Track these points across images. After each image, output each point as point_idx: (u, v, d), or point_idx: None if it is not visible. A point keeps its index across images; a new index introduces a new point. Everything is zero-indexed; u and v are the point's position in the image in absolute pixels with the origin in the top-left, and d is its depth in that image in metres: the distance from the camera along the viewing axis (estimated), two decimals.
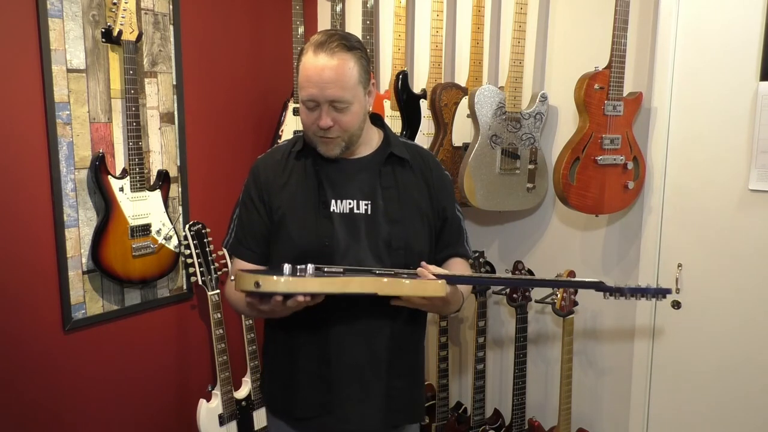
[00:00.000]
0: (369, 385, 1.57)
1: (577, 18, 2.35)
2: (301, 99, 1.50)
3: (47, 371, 2.22)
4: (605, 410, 2.47)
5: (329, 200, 1.55)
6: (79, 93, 2.20)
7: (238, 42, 2.72)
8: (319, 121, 1.48)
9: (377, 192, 1.57)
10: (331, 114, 1.48)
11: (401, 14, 2.57)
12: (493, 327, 2.70)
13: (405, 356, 1.62)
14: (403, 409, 1.63)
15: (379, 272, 1.48)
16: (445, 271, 1.51)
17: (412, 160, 1.63)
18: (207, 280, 2.47)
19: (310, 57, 1.46)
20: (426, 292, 1.44)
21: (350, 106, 1.48)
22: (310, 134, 1.53)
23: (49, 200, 2.16)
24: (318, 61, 1.45)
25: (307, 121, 1.51)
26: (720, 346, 2.19)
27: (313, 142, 1.54)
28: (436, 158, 1.72)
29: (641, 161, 2.21)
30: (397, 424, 1.64)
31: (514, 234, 2.61)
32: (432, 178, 1.64)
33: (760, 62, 2.01)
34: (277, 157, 1.62)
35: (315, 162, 1.58)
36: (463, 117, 2.41)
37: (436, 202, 1.63)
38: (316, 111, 1.49)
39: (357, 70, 1.48)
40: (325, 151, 1.53)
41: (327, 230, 1.53)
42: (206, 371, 2.72)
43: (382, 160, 1.59)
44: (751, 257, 2.09)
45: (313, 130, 1.51)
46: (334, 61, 1.44)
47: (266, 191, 1.58)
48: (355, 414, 1.57)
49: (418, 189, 1.61)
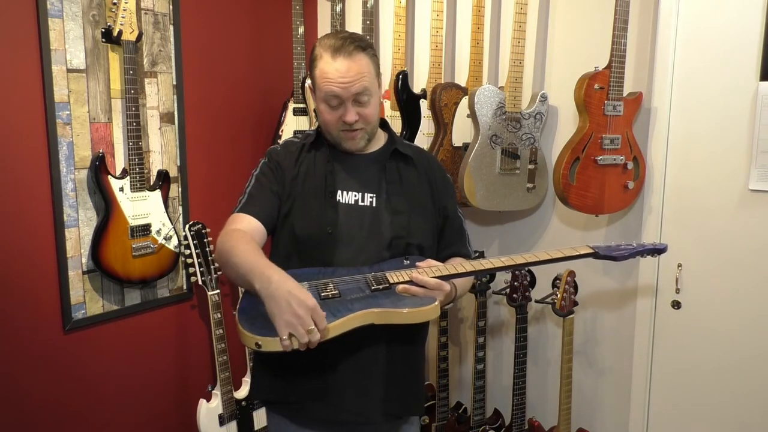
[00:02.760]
0: (366, 372, 1.57)
1: (577, 18, 2.35)
2: (322, 99, 1.56)
3: (47, 371, 2.22)
4: (605, 410, 2.47)
5: (336, 191, 1.60)
6: (79, 93, 2.20)
7: (238, 42, 2.72)
8: (345, 117, 1.55)
9: (382, 186, 1.63)
10: (355, 108, 1.55)
11: (401, 14, 2.57)
12: (493, 327, 2.70)
13: (405, 345, 1.62)
14: (402, 398, 1.62)
15: (374, 275, 1.50)
16: (439, 265, 1.53)
17: (416, 158, 1.70)
18: (207, 280, 2.47)
19: (328, 61, 1.53)
20: (421, 317, 1.46)
21: (371, 99, 1.57)
22: (335, 133, 1.60)
23: (49, 200, 2.16)
24: (338, 64, 1.52)
25: (331, 119, 1.57)
26: (720, 346, 2.19)
27: (337, 139, 1.61)
28: (438, 161, 1.79)
29: (641, 161, 2.21)
30: (396, 413, 1.63)
31: (514, 234, 2.61)
32: (435, 177, 1.71)
33: (760, 62, 2.01)
34: (291, 149, 1.68)
35: (326, 155, 1.64)
36: (463, 117, 2.41)
37: (437, 200, 1.69)
38: (339, 109, 1.55)
39: (372, 65, 1.57)
40: (351, 146, 1.61)
41: (331, 219, 1.57)
42: (206, 371, 2.72)
43: (387, 156, 1.66)
44: (751, 257, 2.09)
45: (337, 128, 1.58)
46: (354, 61, 1.52)
47: (281, 173, 1.63)
48: (352, 401, 1.56)
49: (420, 185, 1.67)
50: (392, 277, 1.49)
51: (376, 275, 1.51)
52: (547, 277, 2.41)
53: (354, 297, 1.46)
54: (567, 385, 2.32)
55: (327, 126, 1.60)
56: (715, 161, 2.13)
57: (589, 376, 2.49)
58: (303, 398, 1.58)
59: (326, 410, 1.57)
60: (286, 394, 1.60)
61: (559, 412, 2.34)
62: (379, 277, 1.50)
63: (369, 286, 1.48)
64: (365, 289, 1.48)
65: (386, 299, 1.45)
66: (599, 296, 2.43)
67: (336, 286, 1.48)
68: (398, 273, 1.50)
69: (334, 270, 1.55)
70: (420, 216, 1.63)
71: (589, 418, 2.49)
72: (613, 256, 1.59)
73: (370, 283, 1.49)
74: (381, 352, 1.57)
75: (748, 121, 2.05)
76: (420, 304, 1.45)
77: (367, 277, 1.51)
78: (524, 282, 2.34)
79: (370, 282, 1.49)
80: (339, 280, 1.50)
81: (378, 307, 1.43)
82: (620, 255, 1.60)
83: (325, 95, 1.55)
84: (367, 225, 1.59)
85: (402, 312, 1.43)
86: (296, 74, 2.72)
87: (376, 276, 1.51)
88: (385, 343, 1.57)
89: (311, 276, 1.51)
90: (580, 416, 2.48)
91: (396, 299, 1.45)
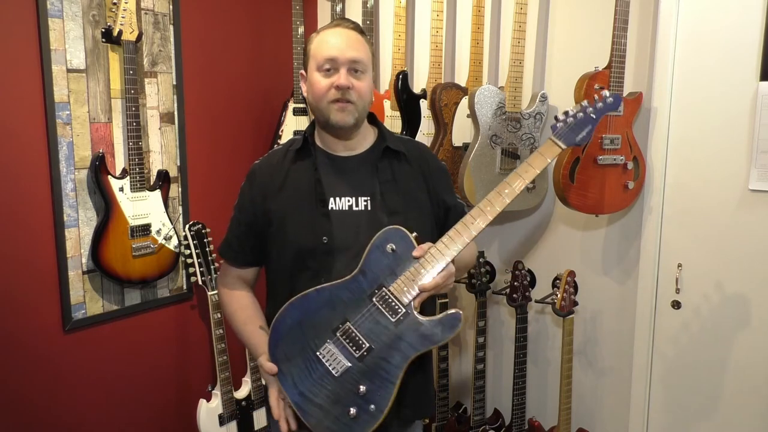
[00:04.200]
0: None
1: (577, 18, 2.36)
2: (316, 67, 1.53)
3: (47, 371, 2.22)
4: (605, 410, 2.47)
5: (327, 198, 1.55)
6: (79, 93, 2.20)
7: (238, 42, 2.72)
8: (339, 81, 1.50)
9: (375, 187, 1.57)
10: (349, 77, 1.52)
11: (401, 14, 2.57)
12: (493, 327, 2.70)
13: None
14: (414, 404, 1.60)
15: (384, 299, 1.47)
16: (433, 252, 1.46)
17: (408, 153, 1.64)
18: (207, 280, 2.47)
19: (325, 32, 1.55)
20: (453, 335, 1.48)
21: (365, 74, 1.54)
22: (325, 103, 1.53)
23: (49, 200, 2.16)
24: (335, 33, 1.54)
25: (324, 86, 1.52)
26: (720, 346, 2.19)
27: (326, 113, 1.53)
28: (431, 150, 1.72)
29: (641, 161, 2.21)
30: (408, 419, 1.61)
31: (514, 234, 2.61)
32: (429, 169, 1.65)
33: (760, 62, 2.01)
34: (273, 161, 1.63)
35: (313, 162, 1.58)
36: (463, 117, 2.41)
37: (434, 194, 1.64)
38: (333, 75, 1.51)
39: (368, 46, 1.58)
40: (340, 119, 1.52)
41: (325, 228, 1.53)
42: (206, 371, 2.72)
43: (378, 154, 1.60)
44: (751, 257, 2.09)
45: (329, 96, 1.52)
46: (350, 34, 1.54)
47: (261, 196, 1.60)
48: None
49: (415, 181, 1.62)
50: (402, 297, 1.44)
51: (387, 300, 1.45)
52: (547, 277, 2.41)
53: (384, 342, 1.44)
54: (567, 385, 2.32)
55: (317, 97, 1.53)
56: (715, 161, 2.13)
57: (589, 376, 2.49)
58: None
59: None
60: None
61: (559, 412, 2.34)
62: (391, 304, 1.45)
63: (388, 317, 1.44)
64: (387, 323, 1.44)
65: (414, 335, 1.44)
66: (599, 296, 2.43)
67: (360, 332, 1.45)
68: (403, 285, 1.45)
69: (335, 298, 1.48)
70: (417, 213, 1.59)
71: (589, 418, 2.49)
72: (576, 142, 1.50)
73: (386, 313, 1.44)
74: None
75: (748, 121, 2.05)
76: (450, 328, 1.45)
77: (379, 308, 1.45)
78: (524, 282, 2.34)
79: (387, 313, 1.44)
80: (358, 321, 1.45)
81: (414, 351, 1.45)
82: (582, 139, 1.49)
83: (320, 61, 1.51)
84: (364, 230, 1.52)
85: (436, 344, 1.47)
86: (296, 74, 2.73)
87: (386, 302, 1.45)
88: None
89: (327, 313, 1.47)
90: (580, 416, 2.48)
91: (425, 330, 1.44)
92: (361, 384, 1.45)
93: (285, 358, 1.50)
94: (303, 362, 1.49)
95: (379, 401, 1.46)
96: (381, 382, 1.45)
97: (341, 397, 1.47)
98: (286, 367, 1.50)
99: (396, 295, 1.45)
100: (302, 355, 1.49)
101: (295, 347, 1.49)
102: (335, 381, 1.47)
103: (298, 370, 1.49)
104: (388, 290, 1.45)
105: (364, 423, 1.47)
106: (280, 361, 1.50)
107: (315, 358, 1.47)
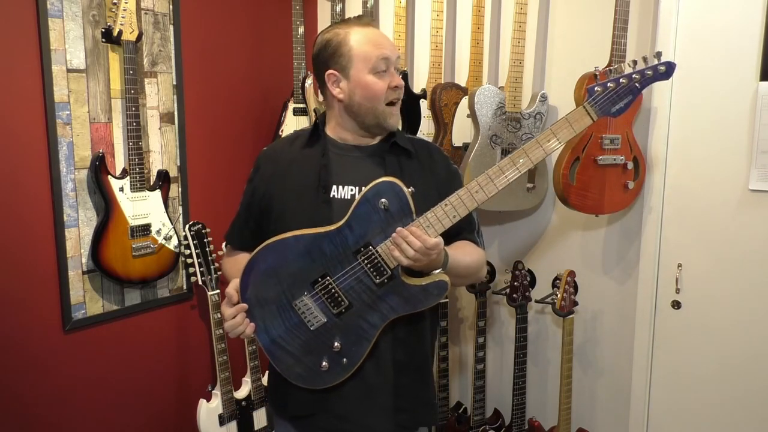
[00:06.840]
0: (371, 382, 1.52)
1: (577, 18, 2.36)
2: (371, 69, 1.49)
3: (47, 371, 2.22)
4: (605, 410, 2.47)
5: (330, 186, 1.54)
6: (79, 93, 2.20)
7: (238, 42, 2.72)
8: (394, 81, 1.51)
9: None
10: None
11: (401, 14, 2.57)
12: (493, 327, 2.70)
13: (411, 350, 1.56)
14: (412, 410, 1.56)
15: (369, 260, 1.44)
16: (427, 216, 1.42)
17: (418, 153, 1.62)
18: (207, 280, 2.47)
19: (361, 31, 1.51)
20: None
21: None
22: (380, 108, 1.52)
23: (49, 200, 2.16)
24: (376, 31, 1.53)
25: (383, 88, 1.51)
26: (720, 346, 2.19)
27: (382, 116, 1.53)
28: (443, 152, 1.70)
29: (641, 161, 2.21)
30: (406, 425, 1.57)
31: (514, 234, 2.61)
32: (438, 170, 1.63)
33: (760, 62, 2.01)
34: (281, 147, 1.65)
35: (321, 149, 1.58)
36: (463, 117, 2.41)
37: (443, 196, 1.57)
38: (386, 76, 1.51)
39: None
40: (394, 123, 1.55)
41: (324, 215, 1.50)
42: (206, 371, 2.72)
43: (386, 148, 1.59)
44: (751, 257, 2.09)
45: (386, 97, 1.52)
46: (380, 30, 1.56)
47: (265, 181, 1.60)
48: (356, 412, 1.53)
49: (423, 180, 1.58)
50: (389, 259, 1.41)
51: (373, 261, 1.43)
52: (547, 277, 2.41)
53: (364, 301, 1.44)
54: (567, 385, 2.32)
55: (376, 99, 1.50)
56: (715, 161, 2.13)
57: (589, 376, 2.49)
58: (300, 411, 1.56)
59: (328, 421, 1.54)
60: (286, 404, 1.58)
61: (559, 412, 2.34)
62: (378, 266, 1.42)
63: (371, 278, 1.43)
64: (369, 283, 1.43)
65: (398, 298, 1.43)
66: (599, 296, 2.43)
67: (340, 289, 1.44)
68: (390, 247, 1.41)
69: (316, 248, 1.45)
70: (422, 210, 1.54)
71: (589, 418, 2.49)
72: (612, 113, 1.33)
73: (371, 274, 1.43)
74: (387, 360, 1.53)
75: (748, 121, 2.05)
76: (435, 295, 1.44)
77: (364, 267, 1.44)
78: (524, 282, 2.34)
79: (372, 274, 1.43)
80: (339, 278, 1.45)
81: (395, 314, 1.44)
82: (618, 110, 1.32)
83: (375, 61, 1.48)
84: None
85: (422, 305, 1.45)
86: (296, 74, 2.72)
87: (373, 262, 1.43)
88: (390, 350, 1.53)
89: (305, 264, 1.45)
90: (580, 416, 2.48)
91: (409, 294, 1.43)
92: (336, 340, 1.46)
93: (257, 303, 1.48)
94: (277, 309, 1.48)
95: (353, 356, 1.47)
96: (356, 339, 1.45)
97: (314, 348, 1.47)
98: (258, 311, 1.48)
99: (384, 258, 1.43)
100: (276, 303, 1.47)
101: (269, 293, 1.47)
102: (309, 333, 1.47)
103: (271, 317, 1.48)
104: (375, 251, 1.43)
105: (335, 374, 1.48)
106: (252, 305, 1.48)
107: (290, 307, 1.46)
